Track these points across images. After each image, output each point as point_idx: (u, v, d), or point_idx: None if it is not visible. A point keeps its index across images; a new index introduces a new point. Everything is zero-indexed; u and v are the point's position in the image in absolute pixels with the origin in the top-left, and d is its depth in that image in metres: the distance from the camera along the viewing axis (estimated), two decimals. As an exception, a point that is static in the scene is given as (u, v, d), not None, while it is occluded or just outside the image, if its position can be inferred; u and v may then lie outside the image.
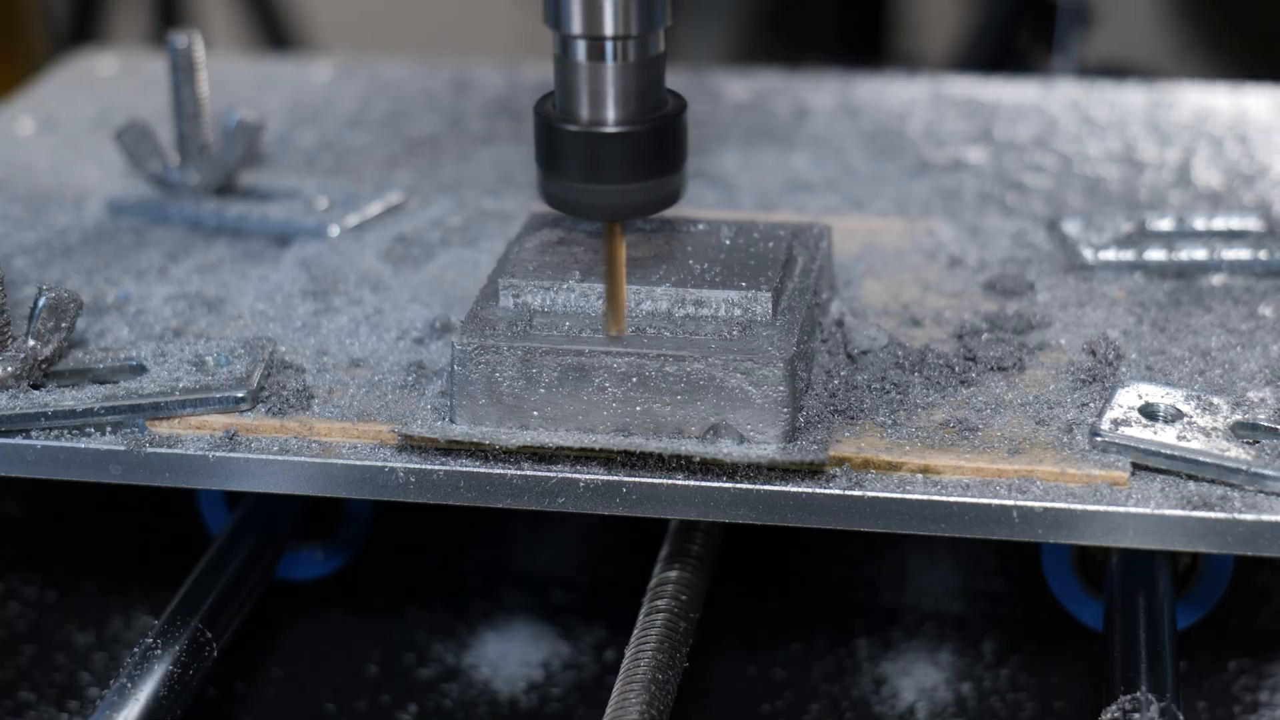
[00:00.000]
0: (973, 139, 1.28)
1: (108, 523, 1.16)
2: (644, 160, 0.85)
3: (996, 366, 0.95)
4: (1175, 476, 0.86)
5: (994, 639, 1.08)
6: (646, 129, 0.85)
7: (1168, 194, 1.18)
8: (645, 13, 0.83)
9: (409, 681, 1.04)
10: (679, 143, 0.87)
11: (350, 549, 1.05)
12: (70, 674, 1.05)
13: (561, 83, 0.85)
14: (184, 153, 1.15)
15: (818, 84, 1.39)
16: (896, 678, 1.05)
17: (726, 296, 0.90)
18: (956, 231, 1.10)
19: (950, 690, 1.04)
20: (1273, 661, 1.04)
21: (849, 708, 1.02)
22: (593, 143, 0.85)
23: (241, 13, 2.86)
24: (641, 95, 0.85)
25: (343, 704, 1.03)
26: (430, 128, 1.31)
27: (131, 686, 0.87)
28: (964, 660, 1.06)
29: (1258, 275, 1.05)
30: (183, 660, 0.90)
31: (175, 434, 0.91)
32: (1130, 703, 0.86)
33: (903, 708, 1.03)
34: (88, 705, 1.02)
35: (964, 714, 1.02)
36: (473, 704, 1.03)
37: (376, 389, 0.94)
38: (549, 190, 0.87)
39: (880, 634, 1.08)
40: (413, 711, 1.02)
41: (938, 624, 1.09)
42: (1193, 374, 0.95)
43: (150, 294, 1.05)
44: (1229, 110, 1.32)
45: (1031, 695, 1.03)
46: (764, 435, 0.88)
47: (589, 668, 1.05)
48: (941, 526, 0.86)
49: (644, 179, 0.86)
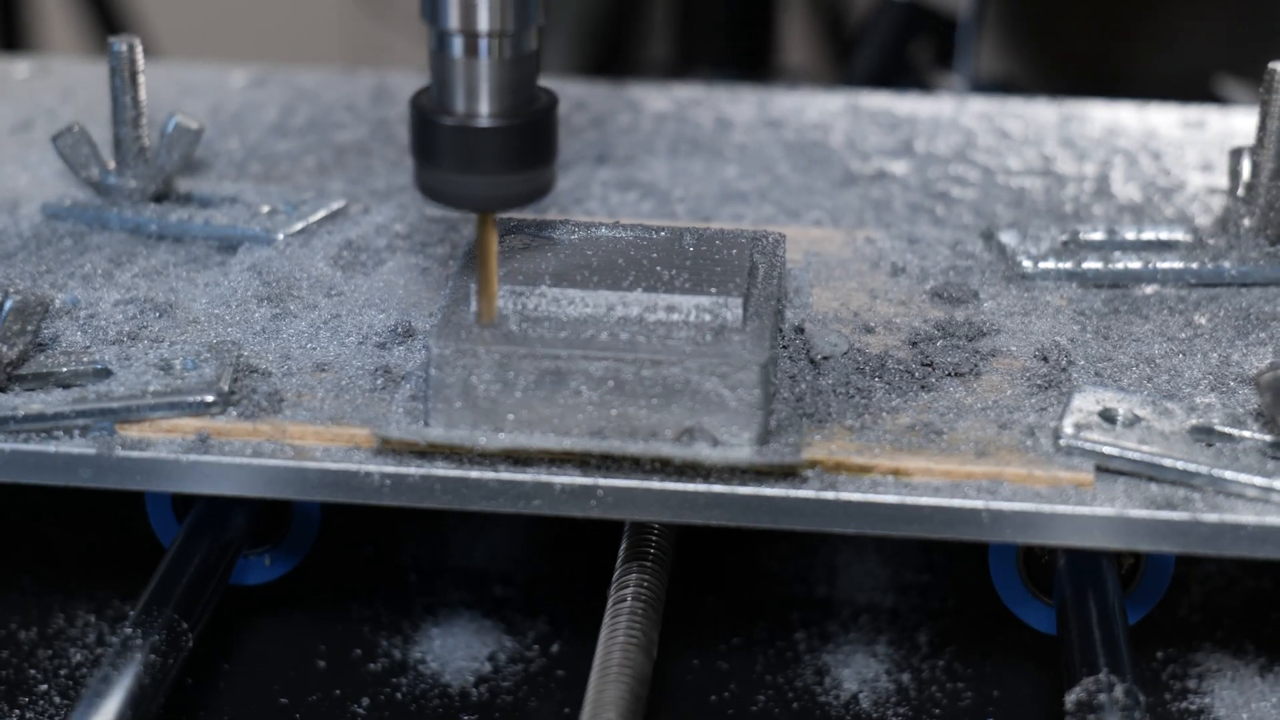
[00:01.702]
0: (894, 152, 1.30)
1: (40, 519, 1.15)
2: (517, 153, 0.88)
3: (954, 372, 0.97)
4: (1136, 478, 0.89)
5: (927, 630, 1.10)
6: (520, 123, 0.88)
7: (1091, 206, 1.21)
8: (520, 10, 0.86)
9: (358, 675, 1.04)
10: (550, 137, 0.89)
11: (299, 553, 1.05)
12: (18, 670, 1.04)
13: (437, 76, 0.88)
14: (121, 158, 1.14)
15: (736, 96, 1.41)
16: (837, 668, 1.07)
17: (698, 302, 0.92)
18: (894, 241, 1.12)
19: (891, 680, 1.06)
20: (1197, 650, 1.07)
21: (794, 698, 1.04)
22: (467, 136, 0.87)
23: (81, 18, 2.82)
24: (515, 90, 0.87)
25: (295, 698, 1.02)
26: (356, 135, 1.31)
27: (116, 674, 0.87)
28: (901, 651, 1.08)
29: (1190, 285, 1.08)
30: (162, 649, 0.89)
31: (145, 438, 0.91)
32: (1094, 684, 0.89)
33: (846, 697, 1.05)
34: (38, 700, 1.01)
35: (906, 703, 1.04)
36: (424, 696, 1.03)
37: (345, 393, 0.94)
38: (424, 181, 0.89)
39: (818, 626, 1.10)
40: (365, 705, 1.02)
41: (872, 616, 1.11)
42: (1141, 380, 0.98)
43: (99, 299, 1.04)
44: (1137, 126, 1.36)
45: (969, 685, 1.05)
46: (738, 439, 0.89)
47: (536, 660, 1.06)
48: (914, 528, 0.88)
49: (516, 171, 0.88)
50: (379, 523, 1.14)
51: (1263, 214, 1.09)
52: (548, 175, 0.90)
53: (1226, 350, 1.01)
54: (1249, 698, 1.04)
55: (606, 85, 1.42)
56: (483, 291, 0.91)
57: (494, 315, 0.92)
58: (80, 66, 1.45)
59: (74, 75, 1.42)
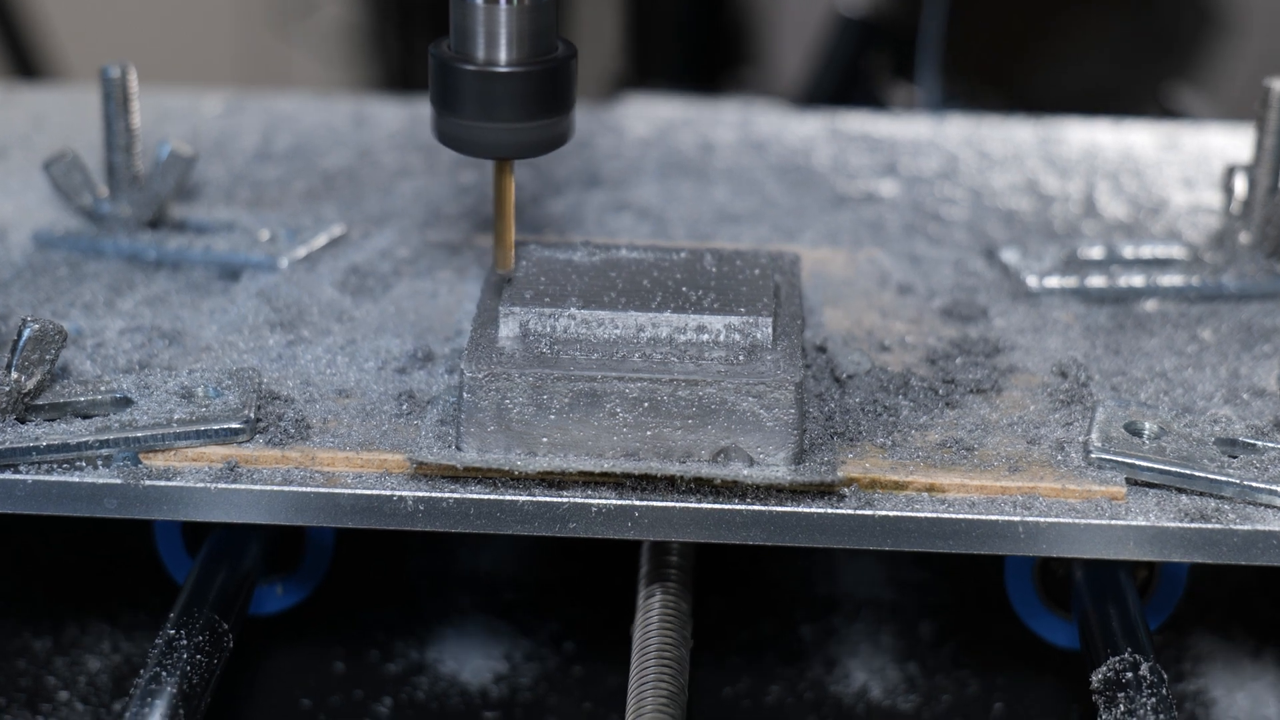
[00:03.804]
0: (880, 173, 1.31)
1: (43, 531, 1.14)
2: (535, 100, 0.90)
3: (976, 389, 0.97)
4: (1165, 490, 0.90)
5: (930, 623, 1.12)
6: (539, 70, 0.89)
7: (1080, 224, 1.22)
8: None
9: (378, 676, 1.06)
10: (569, 86, 0.91)
11: (312, 582, 1.04)
12: (36, 678, 1.03)
13: (458, 24, 0.89)
14: (114, 184, 1.13)
15: (716, 117, 1.41)
16: (845, 659, 1.09)
17: (728, 322, 0.92)
18: (896, 260, 1.13)
19: (898, 669, 1.08)
20: (1188, 636, 1.12)
21: (806, 688, 1.06)
22: (486, 82, 0.89)
23: None
24: (534, 38, 0.89)
25: (317, 700, 1.02)
26: (341, 161, 1.30)
27: (166, 676, 0.86)
28: (905, 642, 1.10)
29: (1189, 300, 1.10)
30: (206, 649, 0.89)
31: (171, 466, 0.90)
32: (1120, 663, 0.90)
33: (856, 686, 1.07)
34: (60, 708, 1.01)
35: (915, 690, 1.05)
36: (444, 695, 1.03)
37: (371, 418, 0.93)
38: (442, 128, 0.91)
39: (823, 621, 1.11)
40: (388, 705, 1.02)
41: (874, 610, 1.12)
42: (1157, 394, 0.98)
43: (103, 327, 1.03)
44: (1115, 145, 1.37)
45: (974, 672, 1.08)
46: (773, 458, 0.89)
47: (550, 658, 1.07)
48: (951, 543, 0.88)
49: (534, 119, 0.90)
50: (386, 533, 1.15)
51: (1260, 229, 1.11)
52: (564, 124, 0.92)
53: (1234, 364, 1.02)
54: (1242, 679, 1.06)
55: (583, 108, 1.41)
56: (500, 240, 0.94)
57: (510, 265, 0.94)
58: (47, 93, 1.44)
59: (43, 102, 1.40)
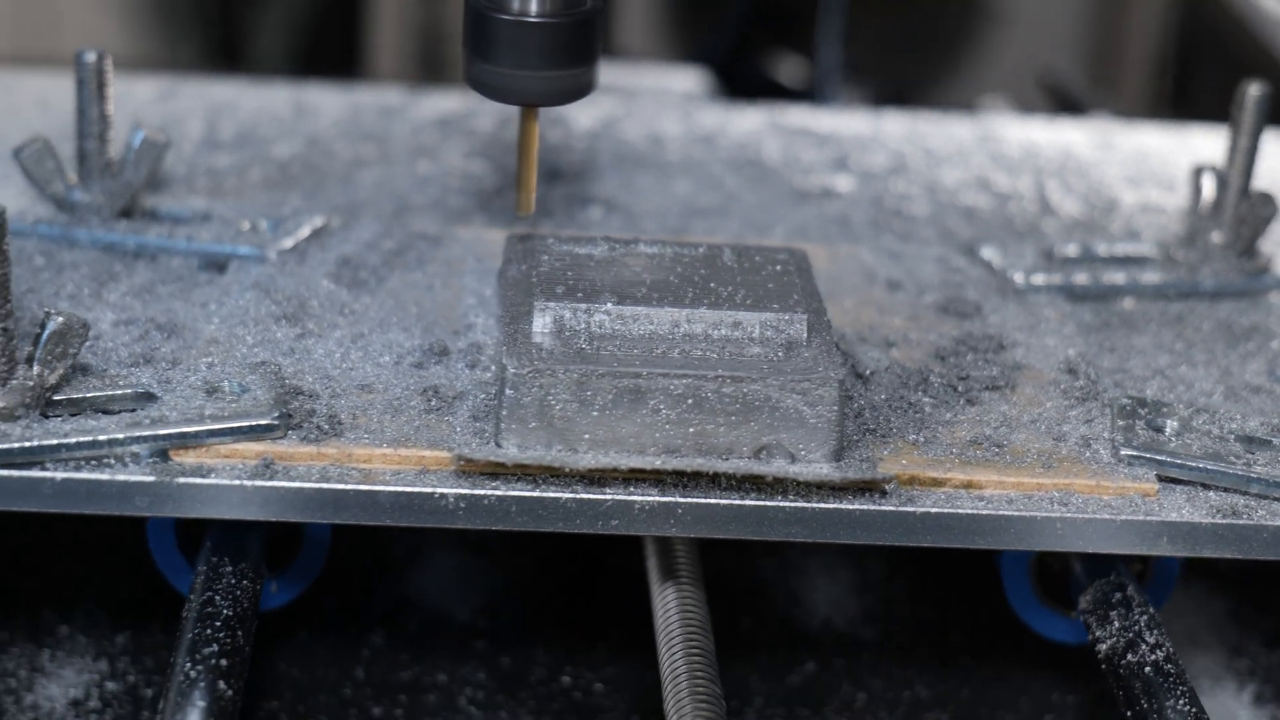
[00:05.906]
0: (831, 168, 1.32)
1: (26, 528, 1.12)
2: (564, 50, 0.94)
3: (991, 386, 0.98)
4: (1192, 486, 0.92)
5: (881, 560, 1.17)
6: (569, 21, 0.94)
7: (1039, 222, 1.24)
8: None
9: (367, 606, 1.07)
10: (595, 37, 0.95)
11: (307, 579, 1.02)
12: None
13: None
14: (86, 172, 1.09)
15: (660, 111, 1.40)
16: (807, 593, 1.14)
17: (763, 318, 0.92)
18: (878, 256, 1.14)
19: (856, 601, 1.13)
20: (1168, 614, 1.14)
21: (771, 617, 1.11)
22: (519, 30, 0.93)
23: None
24: None
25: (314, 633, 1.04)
26: (291, 149, 1.28)
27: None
28: (862, 577, 1.15)
29: (1167, 298, 1.12)
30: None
31: (204, 463, 0.88)
32: (1105, 584, 0.96)
33: (821, 615, 1.13)
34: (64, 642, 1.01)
35: (876, 620, 1.11)
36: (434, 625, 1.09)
37: (401, 414, 0.92)
38: (472, 74, 0.96)
39: (779, 556, 1.16)
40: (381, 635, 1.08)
41: (826, 549, 1.16)
42: (1162, 390, 1.00)
43: (95, 319, 0.99)
44: (1052, 143, 1.39)
45: (933, 606, 1.13)
46: (813, 455, 0.89)
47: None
48: (990, 539, 0.89)
49: (563, 68, 0.94)
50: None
51: (1233, 229, 1.13)
52: (589, 75, 0.96)
53: (1224, 361, 1.05)
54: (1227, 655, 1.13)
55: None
56: (522, 185, 0.99)
57: (531, 208, 1.01)
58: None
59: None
